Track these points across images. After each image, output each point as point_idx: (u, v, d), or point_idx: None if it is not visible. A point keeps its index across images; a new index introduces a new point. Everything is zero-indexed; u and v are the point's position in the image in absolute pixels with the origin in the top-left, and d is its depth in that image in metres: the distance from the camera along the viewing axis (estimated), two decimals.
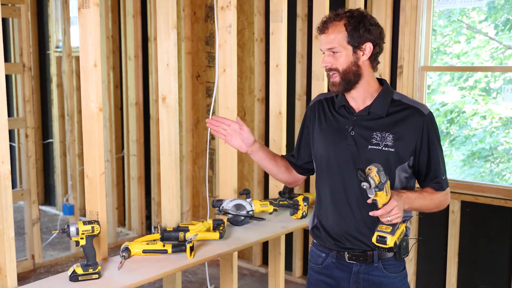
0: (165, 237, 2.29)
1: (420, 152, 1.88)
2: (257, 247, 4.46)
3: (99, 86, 2.17)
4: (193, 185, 4.94)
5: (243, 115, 4.49)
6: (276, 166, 2.13)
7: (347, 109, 1.95)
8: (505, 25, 3.75)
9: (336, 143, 1.93)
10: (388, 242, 1.69)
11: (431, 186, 1.93)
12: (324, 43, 1.87)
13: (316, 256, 2.05)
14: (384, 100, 1.91)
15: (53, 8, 5.59)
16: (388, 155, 1.85)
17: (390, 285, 1.93)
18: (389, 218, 1.70)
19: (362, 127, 1.90)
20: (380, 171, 1.64)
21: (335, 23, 1.86)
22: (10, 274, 1.94)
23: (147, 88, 5.06)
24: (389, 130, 1.86)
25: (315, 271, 2.05)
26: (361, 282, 1.94)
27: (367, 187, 1.63)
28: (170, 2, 2.38)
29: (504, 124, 3.91)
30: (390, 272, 1.93)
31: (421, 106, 1.90)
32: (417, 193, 1.88)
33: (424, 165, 1.90)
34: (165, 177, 2.49)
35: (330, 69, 1.88)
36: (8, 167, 1.94)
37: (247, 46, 4.42)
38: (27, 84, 4.37)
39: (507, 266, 3.33)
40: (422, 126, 1.86)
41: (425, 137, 1.87)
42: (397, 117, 1.88)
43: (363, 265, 1.92)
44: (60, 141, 5.77)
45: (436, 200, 1.92)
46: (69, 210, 5.06)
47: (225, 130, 2.06)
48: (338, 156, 1.91)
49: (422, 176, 1.94)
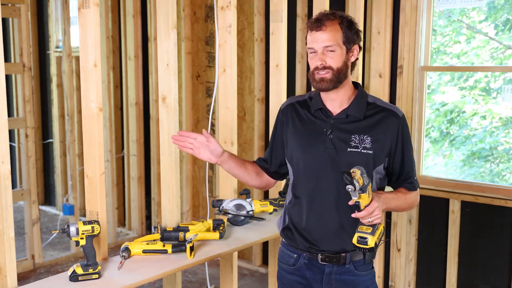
0: (165, 237, 2.29)
1: (395, 154, 1.93)
2: (257, 247, 4.46)
3: (99, 86, 2.17)
4: (193, 185, 4.94)
5: (243, 115, 4.49)
6: (247, 173, 2.13)
7: (324, 112, 1.95)
8: (505, 25, 3.75)
9: (314, 146, 1.93)
10: (369, 243, 1.71)
11: (404, 187, 1.97)
12: (321, 40, 1.86)
13: (287, 257, 2.04)
14: (361, 103, 1.94)
15: (53, 8, 5.59)
16: (367, 158, 1.87)
17: (362, 283, 1.97)
18: (371, 219, 1.72)
19: (340, 130, 1.91)
20: (363, 173, 1.67)
21: (330, 21, 1.86)
22: (10, 274, 1.94)
23: (147, 88, 5.06)
24: (367, 133, 1.89)
25: (287, 272, 2.05)
26: (334, 283, 1.96)
27: (352, 189, 1.64)
28: (170, 2, 2.38)
29: (504, 124, 3.90)
30: (361, 271, 1.96)
31: (395, 108, 1.95)
32: (393, 194, 1.92)
33: (398, 166, 1.94)
34: (165, 177, 2.49)
35: (324, 67, 1.87)
36: (8, 167, 1.94)
37: (247, 46, 4.42)
38: (27, 84, 4.37)
39: (507, 266, 3.33)
40: (397, 128, 1.91)
41: (400, 139, 1.92)
42: (374, 120, 1.91)
43: (335, 267, 1.94)
44: (60, 141, 5.77)
45: (410, 200, 1.97)
46: (69, 210, 5.06)
47: (192, 144, 2.05)
48: (316, 159, 1.92)
49: (395, 177, 1.97)
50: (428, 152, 4.07)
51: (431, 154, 4.18)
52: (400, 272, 3.72)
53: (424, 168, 3.73)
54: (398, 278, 3.72)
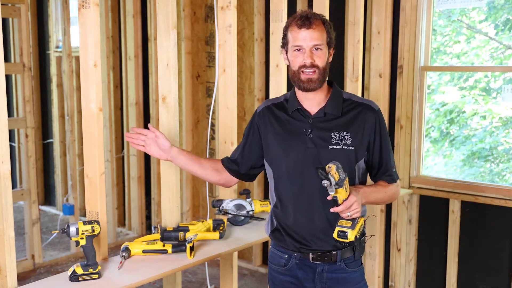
0: (165, 237, 2.29)
1: (373, 147, 1.95)
2: (257, 247, 4.46)
3: (99, 86, 2.17)
4: (193, 185, 4.94)
5: (243, 115, 4.49)
6: (203, 169, 2.13)
7: (302, 112, 1.95)
8: (505, 25, 3.75)
9: (294, 147, 1.93)
10: (349, 237, 1.73)
11: (383, 179, 1.99)
12: (310, 38, 1.86)
13: (278, 258, 2.04)
14: (337, 100, 1.95)
15: (53, 8, 5.59)
16: (348, 154, 1.89)
17: (353, 280, 1.98)
18: (349, 213, 1.73)
19: (320, 128, 1.92)
20: (339, 168, 1.68)
21: (317, 21, 1.88)
22: (10, 274, 1.94)
23: (147, 88, 5.06)
24: (347, 129, 1.91)
25: (279, 273, 2.05)
26: (326, 281, 1.97)
27: (327, 184, 1.66)
28: (170, 2, 2.38)
29: (504, 124, 3.90)
30: (351, 268, 1.98)
31: (371, 102, 1.97)
32: (373, 187, 1.94)
33: (377, 159, 1.97)
34: (165, 177, 2.49)
35: (312, 66, 1.87)
36: (8, 167, 1.94)
37: (247, 46, 4.42)
38: (27, 84, 4.37)
39: (507, 266, 3.33)
40: (374, 122, 1.93)
41: (377, 132, 1.94)
42: (351, 115, 1.93)
43: (326, 265, 1.95)
44: (60, 141, 5.77)
45: (389, 192, 1.98)
46: (69, 210, 5.06)
47: (144, 140, 2.07)
48: (298, 160, 1.92)
49: (375, 170, 1.99)
50: (428, 152, 4.07)
51: (431, 154, 4.18)
52: (400, 272, 3.72)
53: (424, 168, 3.73)
54: (398, 278, 3.72)
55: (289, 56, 1.93)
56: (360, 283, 2.01)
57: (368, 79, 3.71)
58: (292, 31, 1.90)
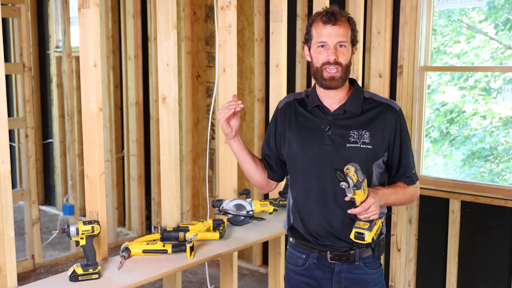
0: (165, 237, 2.29)
1: (393, 148, 1.92)
2: (257, 247, 4.46)
3: (99, 86, 2.17)
4: (193, 185, 4.94)
5: (243, 115, 4.49)
6: (255, 164, 2.07)
7: (321, 109, 1.94)
8: (505, 25, 3.75)
9: (312, 143, 1.91)
10: (366, 238, 1.72)
11: (402, 181, 1.96)
12: (335, 35, 1.83)
13: (296, 258, 2.03)
14: (357, 98, 1.93)
15: (53, 8, 5.59)
16: (366, 153, 1.87)
17: (372, 281, 1.96)
18: (367, 215, 1.72)
19: (338, 126, 1.90)
20: (357, 170, 1.66)
21: (343, 18, 1.85)
22: (10, 274, 1.95)
23: (147, 88, 5.06)
24: (366, 128, 1.88)
25: (296, 273, 2.03)
26: (343, 281, 1.95)
27: (345, 186, 1.65)
28: (170, 2, 2.38)
29: (504, 124, 3.90)
30: (370, 269, 1.96)
31: (392, 103, 1.94)
32: (391, 189, 1.91)
33: (396, 160, 1.94)
34: (165, 177, 2.49)
35: (336, 63, 1.84)
36: (8, 167, 1.94)
37: (247, 46, 4.42)
38: (27, 84, 4.37)
39: (507, 266, 3.33)
40: (395, 122, 1.91)
41: (398, 133, 1.91)
42: (371, 115, 1.90)
43: (345, 265, 1.93)
44: (60, 141, 5.77)
45: (408, 194, 1.96)
46: (69, 210, 5.06)
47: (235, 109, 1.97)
48: (315, 157, 1.90)
49: (394, 171, 1.96)
50: (428, 152, 4.07)
51: (431, 154, 4.18)
52: (400, 272, 3.72)
53: (424, 168, 3.73)
54: (398, 278, 3.72)
55: (312, 52, 1.90)
56: (378, 285, 1.98)
57: (368, 79, 3.70)
58: (316, 27, 1.86)
